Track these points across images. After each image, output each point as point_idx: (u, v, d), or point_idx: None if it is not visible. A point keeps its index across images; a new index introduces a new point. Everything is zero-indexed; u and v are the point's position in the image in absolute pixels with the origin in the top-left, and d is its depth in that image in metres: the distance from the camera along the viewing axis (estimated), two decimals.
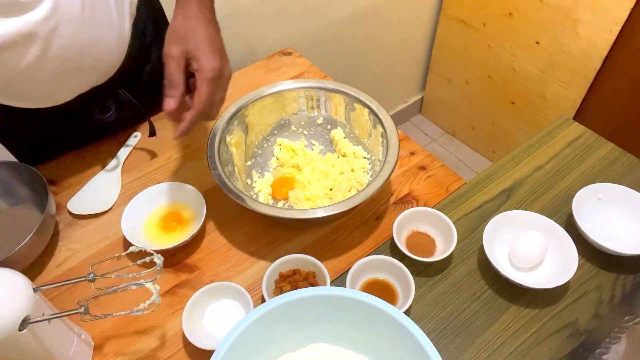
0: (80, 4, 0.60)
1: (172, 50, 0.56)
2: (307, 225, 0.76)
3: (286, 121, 0.85)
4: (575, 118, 1.45)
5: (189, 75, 0.59)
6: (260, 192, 0.79)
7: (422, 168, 0.84)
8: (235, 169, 0.77)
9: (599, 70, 1.43)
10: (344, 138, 0.84)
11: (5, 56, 0.57)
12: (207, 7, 0.60)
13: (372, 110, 0.78)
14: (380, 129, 0.76)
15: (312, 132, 0.87)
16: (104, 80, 0.74)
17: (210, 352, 0.47)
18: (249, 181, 0.80)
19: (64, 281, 0.55)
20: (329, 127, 0.85)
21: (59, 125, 0.80)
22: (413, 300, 0.62)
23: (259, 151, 0.84)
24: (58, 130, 0.82)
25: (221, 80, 0.57)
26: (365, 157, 0.82)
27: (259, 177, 0.82)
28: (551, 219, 0.70)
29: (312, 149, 0.86)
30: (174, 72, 0.56)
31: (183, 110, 0.57)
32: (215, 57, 0.56)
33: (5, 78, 0.61)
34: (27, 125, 0.77)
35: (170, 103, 0.55)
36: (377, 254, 0.68)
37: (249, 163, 0.82)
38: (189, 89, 0.59)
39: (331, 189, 0.78)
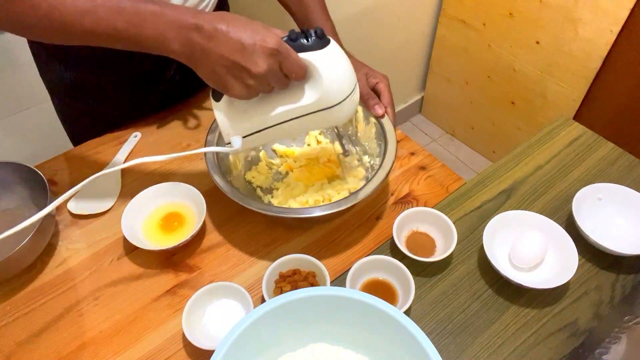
0: None
1: (359, 77, 0.74)
2: (307, 225, 0.76)
3: None
4: (575, 118, 1.45)
5: None
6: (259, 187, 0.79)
7: (422, 168, 0.84)
8: (234, 168, 0.77)
9: (599, 70, 1.43)
10: (344, 138, 0.84)
11: None
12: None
13: None
14: (378, 128, 0.76)
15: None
16: None
17: (210, 352, 0.47)
18: (247, 177, 0.80)
19: None
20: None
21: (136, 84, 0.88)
22: (413, 300, 0.62)
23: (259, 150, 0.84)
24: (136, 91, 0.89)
25: None
26: (364, 157, 0.82)
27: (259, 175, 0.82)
28: (551, 219, 0.70)
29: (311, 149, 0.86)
30: (368, 90, 0.77)
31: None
32: (380, 73, 0.79)
33: None
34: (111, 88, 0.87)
35: (380, 109, 0.76)
36: (377, 254, 0.68)
37: (249, 161, 0.82)
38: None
39: (327, 190, 0.78)
